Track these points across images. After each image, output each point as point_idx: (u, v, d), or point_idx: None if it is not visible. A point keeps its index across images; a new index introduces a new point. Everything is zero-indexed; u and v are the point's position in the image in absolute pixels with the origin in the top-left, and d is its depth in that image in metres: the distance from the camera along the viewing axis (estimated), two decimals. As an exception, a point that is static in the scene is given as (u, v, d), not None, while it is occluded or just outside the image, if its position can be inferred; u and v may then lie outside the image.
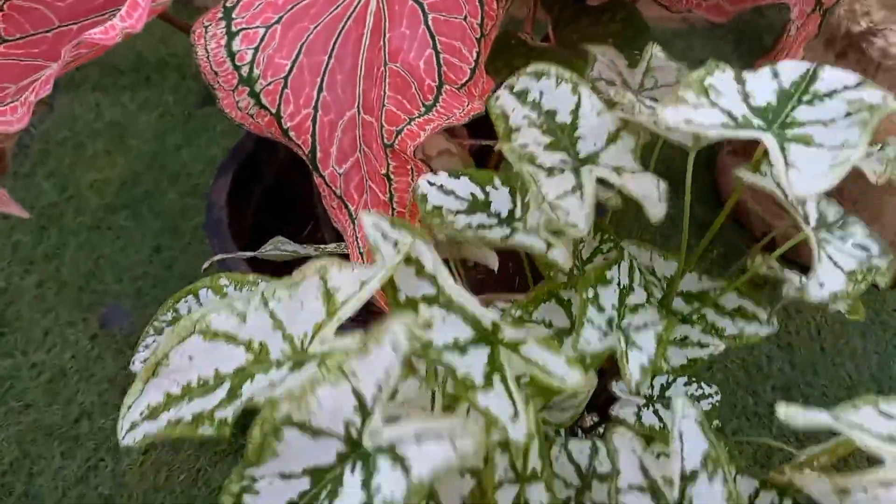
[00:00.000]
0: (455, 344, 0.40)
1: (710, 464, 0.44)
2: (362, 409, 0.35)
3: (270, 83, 0.58)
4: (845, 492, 0.40)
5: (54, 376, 1.02)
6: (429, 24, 0.58)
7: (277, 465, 0.35)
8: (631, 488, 0.44)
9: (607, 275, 0.52)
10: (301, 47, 0.59)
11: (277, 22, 0.59)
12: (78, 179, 1.27)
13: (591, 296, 0.51)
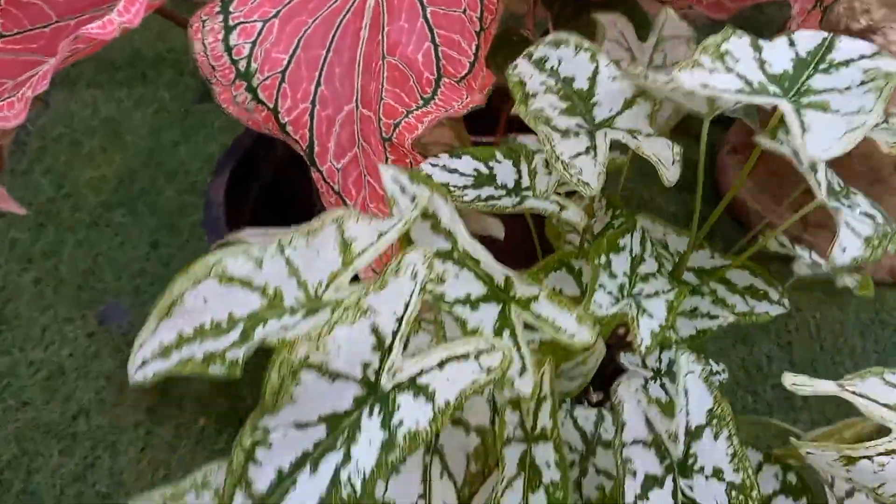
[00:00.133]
0: (467, 299, 0.40)
1: (715, 420, 0.44)
2: (381, 348, 0.35)
3: (268, 77, 0.58)
4: (851, 460, 0.40)
5: (52, 374, 1.02)
6: (427, 18, 0.57)
7: (293, 413, 0.34)
8: (636, 442, 0.44)
9: (620, 242, 0.53)
10: (299, 41, 0.58)
11: (275, 16, 0.58)
12: (75, 176, 1.26)
13: (604, 262, 0.51)
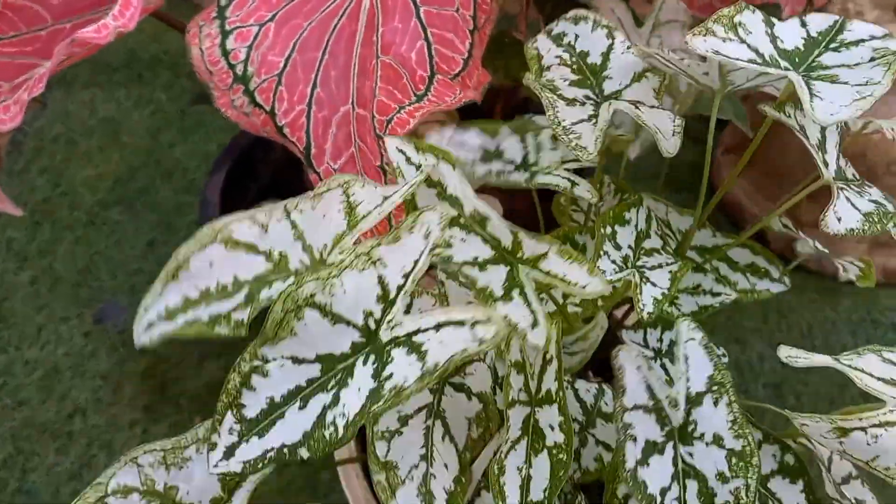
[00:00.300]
0: (475, 261, 0.41)
1: (716, 387, 0.44)
2: (385, 299, 0.35)
3: (265, 81, 0.58)
4: (845, 432, 0.40)
5: (48, 373, 1.02)
6: (420, 17, 0.58)
7: (292, 347, 0.35)
8: (636, 408, 0.44)
9: (625, 215, 0.53)
10: (295, 44, 0.59)
11: (271, 19, 0.59)
12: (72, 175, 1.27)
13: (609, 232, 0.52)
